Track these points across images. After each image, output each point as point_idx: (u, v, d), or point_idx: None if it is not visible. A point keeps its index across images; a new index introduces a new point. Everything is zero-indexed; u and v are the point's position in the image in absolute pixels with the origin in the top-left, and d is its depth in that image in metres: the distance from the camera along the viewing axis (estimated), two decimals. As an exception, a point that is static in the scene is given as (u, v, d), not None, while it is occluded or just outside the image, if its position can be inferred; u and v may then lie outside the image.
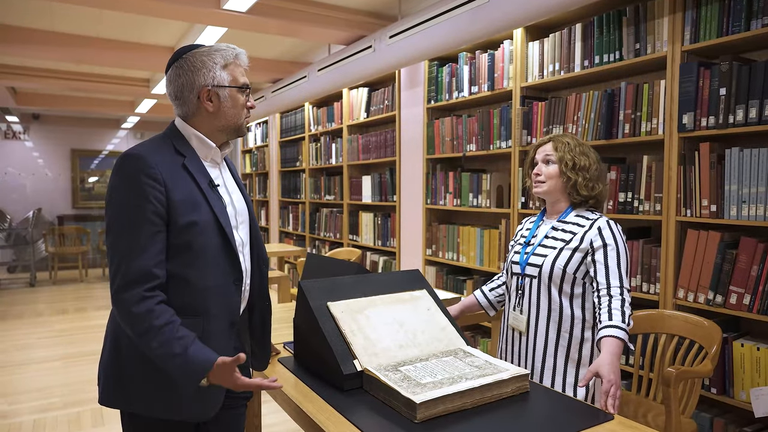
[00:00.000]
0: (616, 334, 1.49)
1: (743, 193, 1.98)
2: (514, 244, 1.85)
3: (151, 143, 1.30)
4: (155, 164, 1.22)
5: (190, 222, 1.24)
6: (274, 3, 3.43)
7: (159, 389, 1.25)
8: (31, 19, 4.03)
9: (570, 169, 1.70)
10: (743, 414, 2.08)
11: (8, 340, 4.59)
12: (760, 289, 1.94)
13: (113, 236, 1.20)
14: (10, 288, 7.10)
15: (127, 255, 1.18)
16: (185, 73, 1.30)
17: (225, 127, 1.36)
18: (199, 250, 1.25)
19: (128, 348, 1.26)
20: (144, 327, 1.16)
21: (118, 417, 2.97)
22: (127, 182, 1.20)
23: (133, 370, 1.26)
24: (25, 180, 8.92)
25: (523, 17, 2.46)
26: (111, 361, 1.29)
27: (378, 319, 1.57)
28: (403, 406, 1.25)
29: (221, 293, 1.30)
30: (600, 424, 1.22)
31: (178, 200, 1.23)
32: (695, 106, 2.10)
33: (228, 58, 1.33)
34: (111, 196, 1.23)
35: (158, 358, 1.18)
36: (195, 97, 1.31)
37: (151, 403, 1.27)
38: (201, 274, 1.26)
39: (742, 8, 1.96)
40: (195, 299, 1.26)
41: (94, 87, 6.09)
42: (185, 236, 1.23)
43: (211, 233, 1.28)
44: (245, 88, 1.36)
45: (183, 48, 1.35)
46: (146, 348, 1.18)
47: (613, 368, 1.41)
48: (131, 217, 1.19)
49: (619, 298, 1.56)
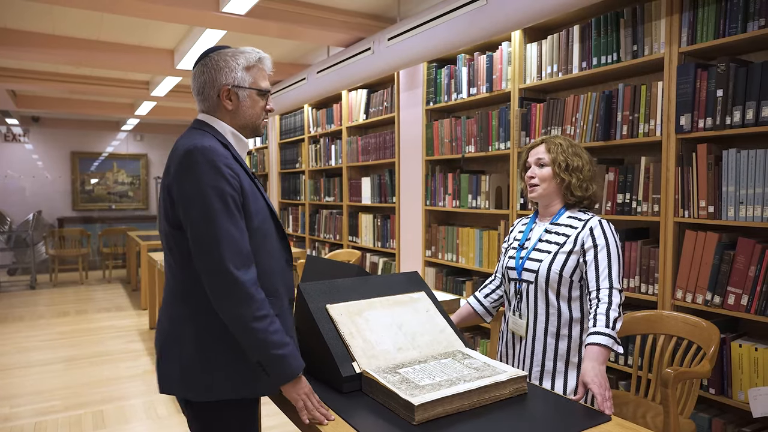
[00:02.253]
0: (597, 340, 1.49)
1: (740, 194, 1.99)
2: (507, 248, 1.85)
3: (201, 136, 1.31)
4: (227, 155, 1.28)
5: (256, 209, 1.32)
6: (273, 5, 3.44)
7: (243, 369, 1.31)
8: (31, 22, 4.04)
9: (563, 170, 1.70)
10: (742, 414, 2.09)
11: (9, 342, 4.59)
12: (757, 289, 1.94)
13: (209, 222, 1.21)
14: (10, 290, 7.11)
15: (232, 237, 1.22)
16: (209, 71, 1.36)
17: (243, 126, 1.42)
18: (265, 235, 1.34)
19: (212, 335, 1.29)
20: (264, 312, 1.24)
21: (119, 419, 2.99)
22: (211, 171, 1.23)
23: (221, 355, 1.30)
24: (25, 182, 8.93)
25: (521, 19, 2.47)
26: (195, 352, 1.30)
27: (377, 321, 1.58)
28: (402, 408, 1.26)
29: (282, 273, 1.41)
30: (597, 426, 1.23)
31: (247, 189, 1.30)
32: (693, 107, 2.11)
33: (251, 60, 1.39)
34: (195, 184, 1.22)
35: (269, 343, 1.24)
36: (215, 95, 1.37)
37: (237, 384, 1.31)
38: (268, 256, 1.35)
39: (739, 10, 1.97)
40: (267, 281, 1.33)
41: (94, 90, 6.10)
42: (255, 222, 1.31)
43: (268, 219, 1.37)
44: (265, 92, 1.42)
45: (211, 48, 1.41)
46: (259, 330, 1.23)
47: (595, 374, 1.43)
48: (226, 203, 1.23)
49: (606, 301, 1.55)
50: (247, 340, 1.25)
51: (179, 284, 1.33)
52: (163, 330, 1.36)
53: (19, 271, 8.27)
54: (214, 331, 1.30)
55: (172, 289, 1.35)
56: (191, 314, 1.31)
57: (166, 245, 1.34)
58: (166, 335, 1.35)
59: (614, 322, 1.52)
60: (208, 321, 1.29)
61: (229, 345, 1.29)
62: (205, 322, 1.30)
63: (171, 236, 1.30)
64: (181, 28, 4.25)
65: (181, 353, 1.31)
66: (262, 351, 1.24)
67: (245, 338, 1.25)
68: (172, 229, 1.30)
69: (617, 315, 1.53)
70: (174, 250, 1.31)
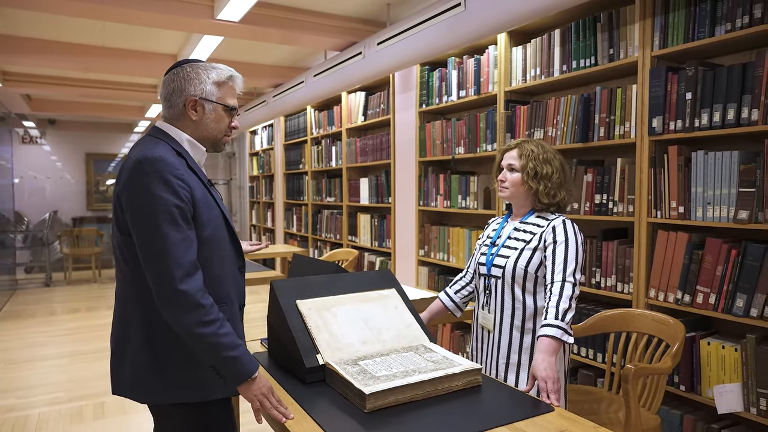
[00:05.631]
0: (547, 332, 1.55)
1: (708, 195, 2.03)
2: (480, 245, 1.92)
3: (154, 145, 1.34)
4: (178, 166, 1.30)
5: (209, 218, 1.36)
6: (267, 12, 3.54)
7: (196, 373, 1.34)
8: (38, 29, 4.20)
9: (532, 178, 1.75)
10: (711, 411, 2.12)
11: (21, 338, 4.77)
12: (724, 288, 1.98)
13: (155, 234, 1.24)
14: (26, 288, 7.34)
15: (177, 249, 1.24)
16: (179, 79, 1.40)
17: (203, 138, 1.45)
18: (218, 243, 1.38)
19: (162, 339, 1.32)
20: (212, 317, 1.26)
21: (117, 410, 3.12)
22: (159, 183, 1.25)
23: (172, 359, 1.33)
24: (42, 183, 9.18)
25: (497, 25, 2.54)
26: (145, 356, 1.33)
27: (344, 316, 1.66)
28: (356, 397, 1.33)
29: (234, 280, 1.45)
30: (540, 415, 1.29)
31: (198, 198, 1.33)
32: (664, 110, 2.15)
33: (222, 77, 1.43)
34: (142, 196, 1.25)
35: (220, 345, 1.26)
36: (182, 104, 1.40)
37: (189, 387, 1.35)
38: (220, 264, 1.39)
39: (707, 14, 2.01)
40: (218, 287, 1.37)
41: (105, 93, 6.29)
42: (207, 231, 1.35)
43: (221, 227, 1.41)
44: (232, 109, 1.46)
45: (185, 59, 1.46)
46: (208, 335, 1.25)
47: (545, 366, 1.48)
48: (172, 213, 1.25)
49: (557, 293, 1.60)
50: (198, 346, 1.27)
51: (130, 288, 1.35)
52: (116, 334, 1.39)
53: (35, 269, 8.51)
54: (164, 335, 1.32)
55: (123, 294, 1.38)
56: (142, 319, 1.33)
57: (118, 251, 1.35)
58: (118, 340, 1.38)
59: (564, 314, 1.56)
60: (159, 326, 1.31)
61: (180, 349, 1.32)
62: (155, 327, 1.32)
63: (122, 243, 1.33)
64: (181, 34, 4.37)
65: (133, 357, 1.34)
66: (214, 354, 1.26)
67: (196, 344, 1.26)
68: (122, 236, 1.32)
69: (567, 307, 1.58)
70: (125, 256, 1.33)
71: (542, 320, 1.59)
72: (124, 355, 1.36)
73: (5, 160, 7.59)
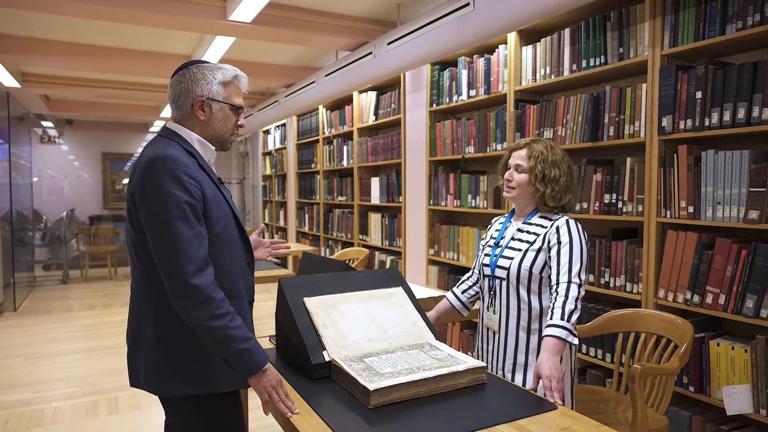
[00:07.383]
0: (552, 333, 1.55)
1: (718, 195, 2.01)
2: (484, 246, 1.92)
3: (166, 145, 1.38)
4: (189, 165, 1.34)
5: (219, 215, 1.39)
6: (278, 13, 3.58)
7: (207, 366, 1.38)
8: (56, 31, 4.28)
9: (539, 180, 1.74)
10: (721, 412, 2.11)
11: (38, 333, 4.87)
12: (734, 289, 1.97)
13: (167, 230, 1.27)
14: (44, 285, 7.48)
15: (189, 245, 1.28)
16: (186, 81, 1.43)
17: (212, 137, 1.49)
18: (228, 240, 1.42)
19: (175, 334, 1.36)
20: (223, 310, 1.29)
21: (130, 405, 3.18)
22: (171, 180, 1.29)
23: (184, 353, 1.37)
24: (60, 182, 9.34)
25: (510, 23, 2.53)
26: (159, 350, 1.37)
27: (351, 313, 1.68)
28: (361, 394, 1.35)
29: (243, 276, 1.49)
30: (543, 413, 1.30)
31: (209, 197, 1.37)
32: (674, 109, 2.14)
33: (227, 77, 1.46)
34: (154, 193, 1.28)
35: (232, 338, 1.29)
36: (189, 104, 1.43)
37: (201, 380, 1.38)
38: (230, 260, 1.42)
39: (718, 13, 2.00)
40: (227, 283, 1.40)
41: (120, 93, 6.38)
42: (217, 228, 1.38)
43: (231, 224, 1.45)
44: (238, 108, 1.49)
45: (191, 60, 1.49)
46: (220, 328, 1.28)
47: (549, 365, 1.49)
48: (184, 210, 1.29)
49: (563, 294, 1.60)
50: (210, 339, 1.30)
51: (144, 285, 1.39)
52: (131, 329, 1.43)
53: (53, 267, 8.67)
54: (177, 330, 1.36)
55: (138, 290, 1.41)
56: (155, 314, 1.37)
57: (132, 249, 1.39)
58: (133, 334, 1.42)
59: (569, 315, 1.57)
60: (171, 321, 1.35)
61: (192, 343, 1.36)
62: (168, 323, 1.36)
63: (136, 240, 1.36)
64: (194, 35, 4.43)
65: (147, 351, 1.38)
66: (226, 347, 1.29)
67: (208, 337, 1.29)
68: (136, 234, 1.36)
69: (573, 308, 1.58)
70: (139, 253, 1.37)
71: (548, 320, 1.60)
72: (139, 348, 1.40)
73: (24, 160, 7.74)
